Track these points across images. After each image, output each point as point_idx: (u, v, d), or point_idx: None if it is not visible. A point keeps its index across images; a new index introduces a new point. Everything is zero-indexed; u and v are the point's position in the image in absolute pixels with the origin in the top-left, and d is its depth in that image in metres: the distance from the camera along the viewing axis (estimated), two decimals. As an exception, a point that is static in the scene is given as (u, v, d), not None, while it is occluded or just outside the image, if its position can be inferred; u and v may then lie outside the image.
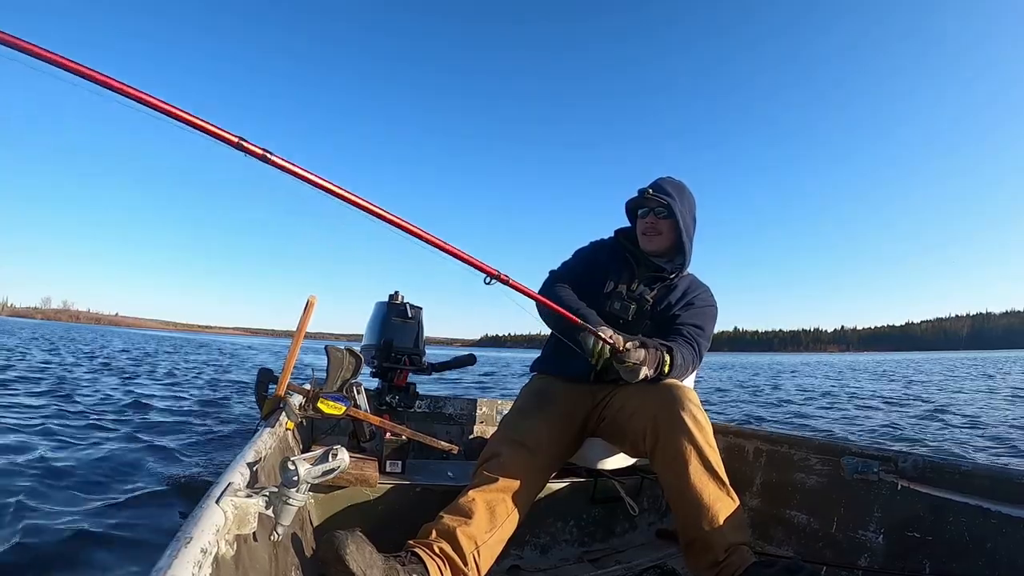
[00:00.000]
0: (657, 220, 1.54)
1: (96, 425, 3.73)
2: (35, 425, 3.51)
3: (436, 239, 1.02)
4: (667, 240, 1.55)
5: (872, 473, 1.36)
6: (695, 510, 1.21)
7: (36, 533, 1.78)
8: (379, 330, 1.74)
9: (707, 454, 1.24)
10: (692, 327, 1.50)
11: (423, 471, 1.62)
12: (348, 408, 1.37)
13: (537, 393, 1.52)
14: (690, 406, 1.29)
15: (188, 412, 4.73)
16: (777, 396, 9.52)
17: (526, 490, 1.28)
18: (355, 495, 1.38)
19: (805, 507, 1.54)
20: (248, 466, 0.87)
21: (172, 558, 0.52)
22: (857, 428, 5.47)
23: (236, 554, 0.67)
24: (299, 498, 0.76)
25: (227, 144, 0.76)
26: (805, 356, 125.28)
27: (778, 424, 5.81)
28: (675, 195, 1.53)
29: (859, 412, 6.70)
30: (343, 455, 0.82)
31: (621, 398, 1.44)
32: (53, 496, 2.15)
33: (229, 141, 0.76)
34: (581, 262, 1.67)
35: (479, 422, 2.28)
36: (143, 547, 1.76)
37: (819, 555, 1.42)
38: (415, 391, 1.73)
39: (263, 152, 0.79)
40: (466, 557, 1.10)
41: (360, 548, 0.92)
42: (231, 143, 0.76)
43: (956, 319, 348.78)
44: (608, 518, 1.71)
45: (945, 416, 6.43)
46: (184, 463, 2.90)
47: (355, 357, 1.45)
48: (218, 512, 0.65)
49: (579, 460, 1.57)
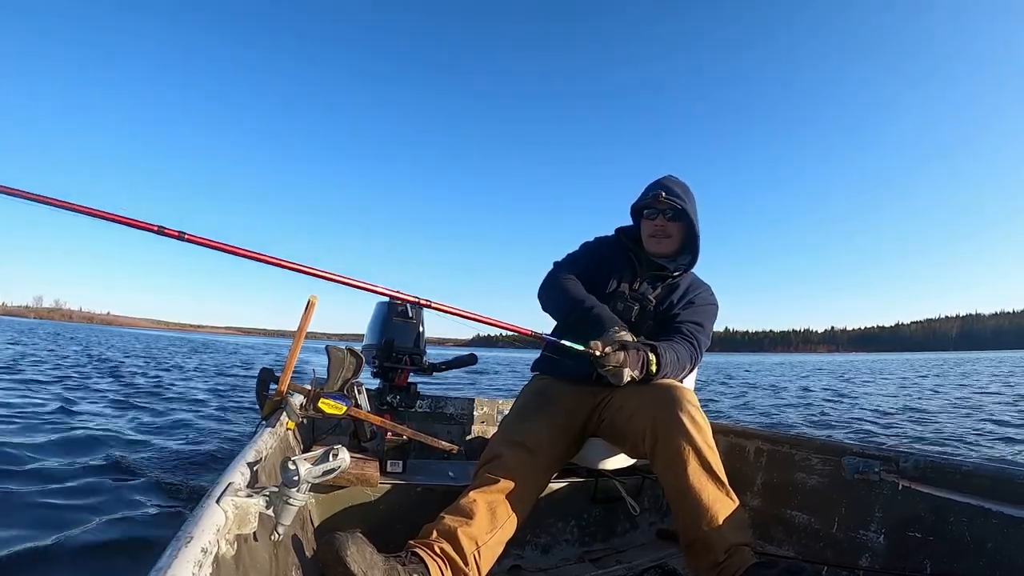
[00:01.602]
0: (667, 223, 1.52)
1: (95, 425, 3.74)
2: (34, 425, 3.52)
3: (358, 282, 1.16)
4: (676, 243, 1.55)
5: (873, 473, 1.36)
6: (695, 511, 1.21)
7: (35, 533, 1.78)
8: (380, 330, 1.74)
9: (706, 455, 1.24)
10: (691, 324, 1.50)
11: (424, 471, 1.62)
12: (349, 408, 1.37)
13: (537, 394, 1.52)
14: (689, 407, 1.29)
15: (188, 411, 4.74)
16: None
17: (527, 491, 1.28)
18: (356, 495, 1.38)
19: (806, 507, 1.53)
20: (249, 466, 0.87)
21: (172, 558, 0.52)
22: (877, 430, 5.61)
23: (237, 554, 0.67)
24: (300, 498, 0.76)
25: (148, 231, 0.90)
26: (795, 356, 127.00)
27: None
28: (684, 197, 1.52)
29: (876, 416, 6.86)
30: (344, 455, 0.82)
31: (620, 399, 1.43)
32: (52, 496, 2.15)
33: (150, 229, 0.90)
34: (586, 256, 1.66)
35: (480, 422, 2.28)
36: (143, 547, 1.76)
37: (820, 555, 1.42)
38: (416, 391, 1.73)
39: (179, 233, 0.93)
40: (467, 557, 1.10)
41: (361, 549, 0.92)
42: (152, 230, 0.90)
43: (946, 320, 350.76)
44: (609, 518, 1.71)
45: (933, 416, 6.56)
46: (184, 463, 2.90)
47: (356, 357, 1.44)
48: (219, 512, 0.65)
49: (580, 460, 1.57)
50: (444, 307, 1.27)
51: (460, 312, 1.29)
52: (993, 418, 6.36)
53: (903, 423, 6.08)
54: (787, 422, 6.17)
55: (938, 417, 6.57)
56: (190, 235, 0.93)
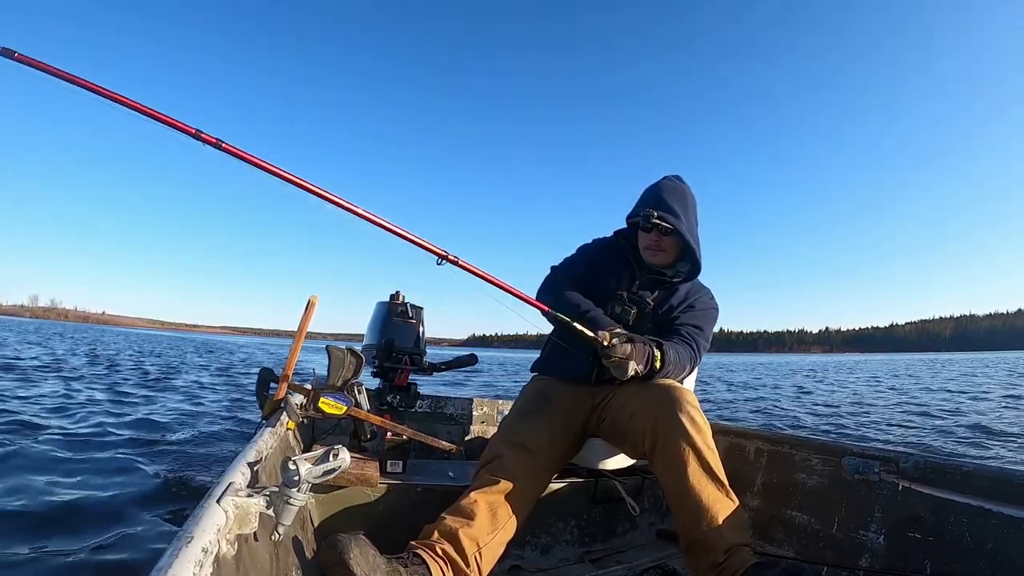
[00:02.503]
0: (661, 238, 1.49)
1: (95, 424, 3.73)
2: (34, 424, 3.51)
3: (385, 222, 1.09)
4: (671, 256, 1.52)
5: (873, 473, 1.36)
6: (695, 512, 1.21)
7: (34, 532, 1.78)
8: (380, 330, 1.74)
9: (706, 456, 1.24)
10: (691, 327, 1.50)
11: (424, 471, 1.62)
12: (349, 408, 1.37)
13: (537, 394, 1.52)
14: (688, 408, 1.29)
15: (188, 411, 4.73)
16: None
17: (527, 492, 1.28)
18: (356, 495, 1.38)
19: (806, 507, 1.53)
20: (249, 466, 0.87)
21: (173, 557, 0.52)
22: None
23: (237, 554, 0.67)
24: (300, 498, 0.76)
25: (186, 134, 0.86)
26: (790, 357, 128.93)
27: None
28: (680, 211, 1.47)
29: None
30: (344, 455, 0.82)
31: (621, 399, 1.43)
32: (50, 496, 2.15)
33: (187, 131, 0.86)
34: (584, 259, 1.65)
35: (480, 422, 2.28)
36: (144, 546, 1.76)
37: (820, 555, 1.42)
38: (416, 391, 1.73)
39: (216, 141, 0.88)
40: (468, 558, 1.10)
41: (363, 551, 0.92)
42: (189, 133, 0.86)
43: (940, 321, 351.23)
44: (609, 518, 1.71)
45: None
46: (185, 463, 2.90)
47: (356, 357, 1.44)
48: (219, 512, 0.65)
49: (580, 460, 1.57)
50: (472, 268, 1.25)
51: (486, 276, 1.27)
52: (926, 411, 7.17)
53: (839, 415, 6.89)
54: (737, 415, 6.79)
55: (880, 410, 7.37)
56: (228, 144, 0.89)
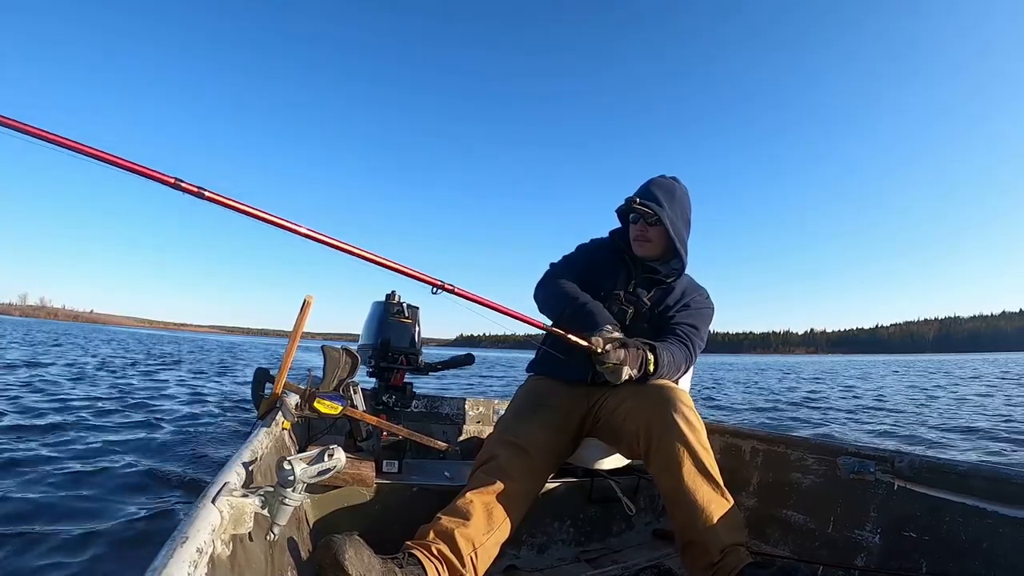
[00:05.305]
0: (647, 227, 1.50)
1: (95, 423, 3.71)
2: (34, 422, 3.49)
3: (378, 257, 1.09)
4: (658, 247, 1.53)
5: (869, 473, 1.36)
6: (690, 512, 1.21)
7: (32, 532, 1.77)
8: (376, 330, 1.74)
9: (700, 456, 1.24)
10: (687, 327, 1.50)
11: (419, 471, 1.62)
12: (345, 408, 1.36)
13: (533, 394, 1.52)
14: (683, 408, 1.29)
15: (185, 411, 4.71)
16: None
17: (523, 492, 1.28)
18: (351, 495, 1.37)
19: (802, 507, 1.54)
20: (244, 466, 0.86)
21: (168, 557, 0.51)
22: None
23: (232, 554, 0.67)
24: (295, 498, 0.76)
25: (164, 184, 0.84)
26: (772, 358, 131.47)
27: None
28: (664, 201, 1.49)
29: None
30: (339, 455, 0.82)
31: (616, 399, 1.44)
32: (49, 495, 2.13)
33: (166, 181, 0.84)
34: (582, 258, 1.65)
35: (475, 422, 2.27)
36: (139, 546, 1.75)
37: (815, 555, 1.43)
38: (412, 391, 1.73)
39: (198, 189, 0.86)
40: (464, 559, 1.10)
41: (359, 552, 0.91)
42: (167, 183, 0.84)
43: (923, 323, 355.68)
44: (605, 518, 1.71)
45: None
46: (180, 462, 2.89)
47: (352, 357, 1.44)
48: (214, 512, 0.65)
49: (576, 460, 1.57)
50: (468, 294, 1.24)
51: (483, 300, 1.25)
52: (868, 407, 7.81)
53: (785, 407, 7.72)
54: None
55: (835, 405, 8.03)
56: (210, 192, 0.86)
